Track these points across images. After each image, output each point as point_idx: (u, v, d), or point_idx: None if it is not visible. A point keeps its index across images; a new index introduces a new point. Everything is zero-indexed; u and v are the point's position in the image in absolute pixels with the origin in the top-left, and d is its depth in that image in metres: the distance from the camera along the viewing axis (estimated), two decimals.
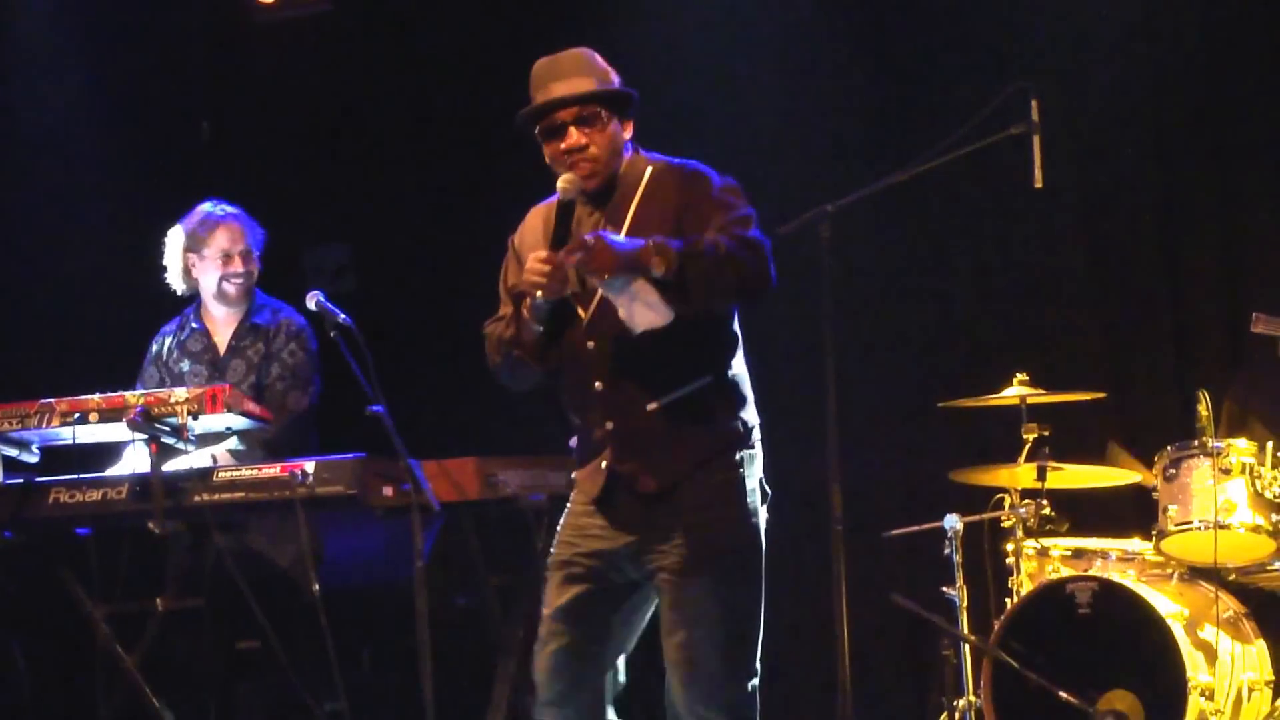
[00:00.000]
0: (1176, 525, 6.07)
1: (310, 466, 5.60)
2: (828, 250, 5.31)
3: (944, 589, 6.28)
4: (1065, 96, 6.89)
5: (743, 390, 4.54)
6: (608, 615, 4.52)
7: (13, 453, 5.90)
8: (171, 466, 5.76)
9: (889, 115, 7.40)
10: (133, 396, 5.73)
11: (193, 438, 5.69)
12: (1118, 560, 6.28)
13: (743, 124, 7.53)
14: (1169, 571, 6.22)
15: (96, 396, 5.75)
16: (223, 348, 6.34)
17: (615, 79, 4.54)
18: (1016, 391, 6.33)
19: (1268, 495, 6.01)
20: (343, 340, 5.45)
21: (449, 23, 8.08)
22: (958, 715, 6.15)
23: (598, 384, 4.45)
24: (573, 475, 4.63)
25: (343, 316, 5.52)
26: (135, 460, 5.87)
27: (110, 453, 6.09)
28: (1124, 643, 5.97)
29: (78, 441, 5.82)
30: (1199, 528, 6.02)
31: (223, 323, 6.38)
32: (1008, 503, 6.35)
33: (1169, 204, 7.10)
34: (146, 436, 5.65)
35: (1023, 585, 6.25)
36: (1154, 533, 6.16)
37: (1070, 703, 5.83)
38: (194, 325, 6.40)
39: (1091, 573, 6.17)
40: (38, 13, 8.14)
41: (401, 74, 8.16)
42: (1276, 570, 6.16)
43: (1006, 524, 6.34)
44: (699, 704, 4.41)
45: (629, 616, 4.56)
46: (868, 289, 7.27)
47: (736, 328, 4.55)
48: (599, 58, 4.55)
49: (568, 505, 4.61)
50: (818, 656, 6.03)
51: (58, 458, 5.95)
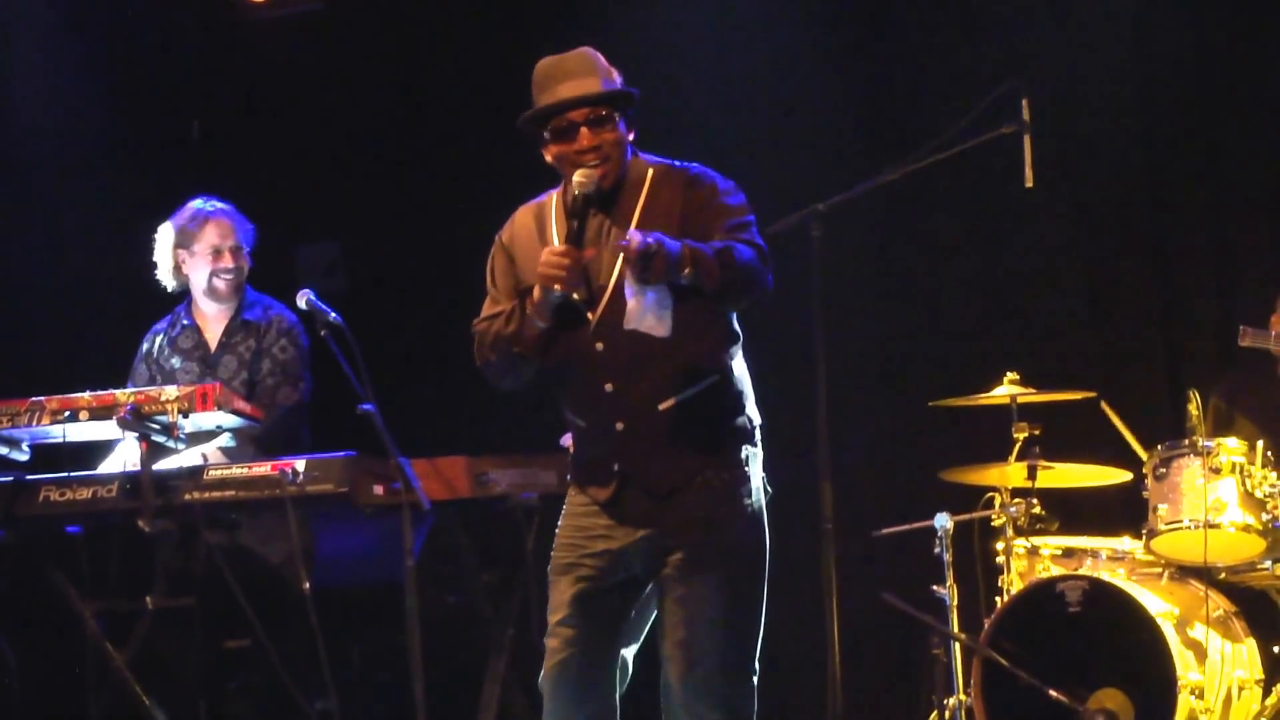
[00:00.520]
0: (1167, 524, 6.08)
1: (301, 465, 5.59)
2: (818, 249, 5.32)
3: (934, 588, 6.27)
4: (1056, 96, 6.88)
5: (746, 388, 4.53)
6: (616, 616, 4.50)
7: (3, 450, 5.88)
8: (162, 465, 5.75)
9: (880, 114, 7.40)
10: (123, 394, 5.72)
11: (183, 436, 5.68)
12: (1108, 559, 6.29)
13: (733, 123, 7.52)
14: (1159, 570, 6.23)
15: (87, 395, 5.74)
16: (213, 344, 6.33)
17: (618, 78, 4.48)
18: (1007, 390, 6.33)
19: (1258, 494, 6.02)
20: (333, 339, 5.44)
21: (439, 21, 8.08)
22: (948, 714, 6.15)
23: (608, 385, 4.41)
24: (568, 476, 4.60)
25: (333, 315, 5.51)
26: (125, 458, 5.87)
27: (101, 451, 6.08)
28: (1114, 641, 5.97)
29: (68, 439, 5.82)
30: (1189, 527, 6.03)
31: (214, 319, 6.37)
32: (998, 502, 6.35)
33: (1159, 203, 7.11)
34: (137, 435, 5.64)
35: (1013, 584, 6.25)
36: (1144, 532, 6.17)
37: (1060, 701, 5.83)
38: (185, 322, 6.39)
39: (1082, 572, 6.19)
40: (30, 11, 8.12)
41: (392, 72, 8.16)
42: (1266, 569, 6.17)
43: (997, 523, 6.35)
44: (697, 701, 4.39)
45: (636, 615, 4.55)
46: (858, 288, 7.27)
47: (737, 326, 4.53)
48: (601, 56, 4.48)
49: (565, 507, 4.56)
50: (808, 655, 6.02)
51: (48, 456, 5.94)
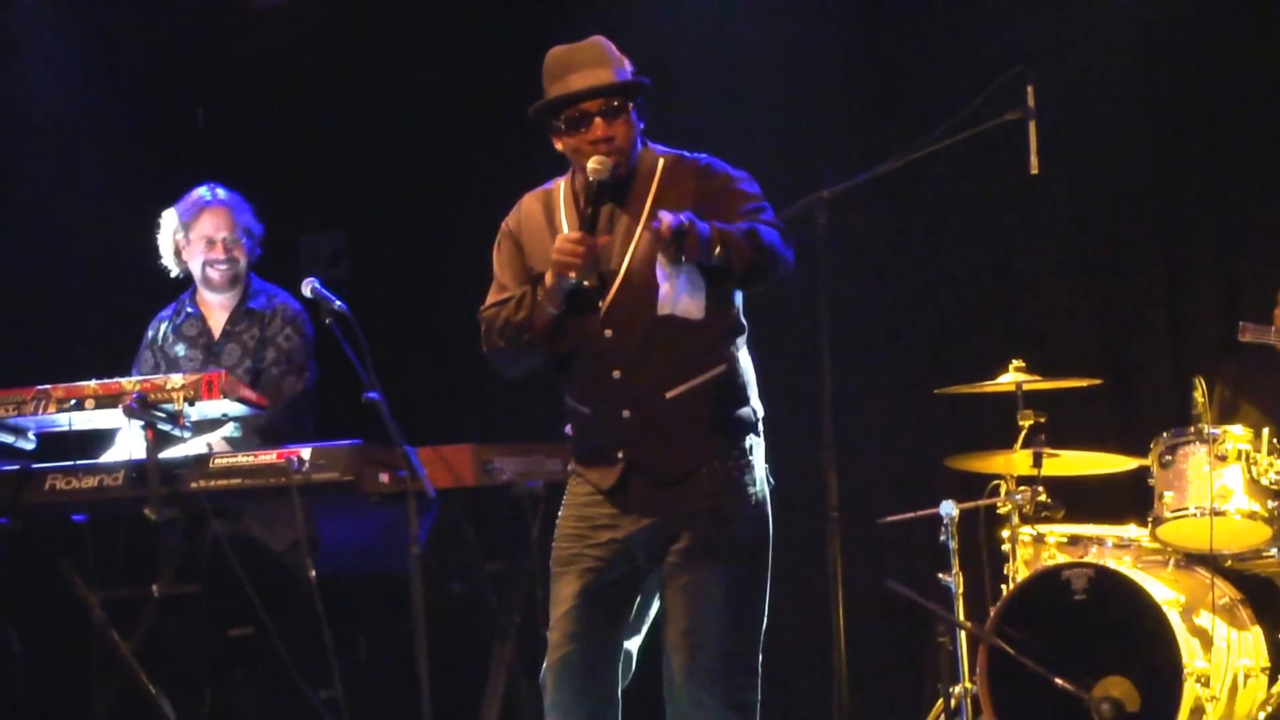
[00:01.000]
0: (1172, 512, 6.07)
1: (306, 453, 5.59)
2: (824, 236, 5.31)
3: (940, 575, 6.27)
4: (1061, 82, 6.87)
5: (751, 379, 4.53)
6: (620, 608, 4.49)
7: (9, 439, 5.87)
8: (168, 453, 5.75)
9: (885, 101, 7.39)
10: (129, 383, 5.71)
11: (189, 424, 5.67)
12: (1114, 547, 6.28)
13: (738, 110, 7.52)
14: (1165, 558, 6.23)
15: (93, 383, 5.73)
16: (217, 332, 6.33)
17: (629, 67, 4.46)
18: (1012, 378, 6.33)
19: (1264, 481, 6.02)
20: (338, 327, 5.43)
21: (444, 10, 8.07)
22: (954, 702, 6.15)
23: (616, 373, 4.40)
24: (570, 465, 4.59)
25: (338, 303, 5.50)
26: (129, 446, 5.87)
27: (107, 439, 6.08)
28: (1120, 629, 5.97)
29: (74, 428, 5.82)
30: (1195, 514, 6.03)
31: (217, 307, 6.37)
32: (1004, 489, 6.35)
33: (1165, 189, 7.10)
34: (143, 423, 5.64)
35: (1018, 572, 6.25)
36: (1150, 519, 6.17)
37: (1066, 689, 5.83)
38: (189, 310, 6.39)
39: (1087, 559, 6.18)
40: (33, 1, 8.12)
41: (397, 61, 8.15)
42: (1272, 556, 6.16)
43: (1002, 510, 6.35)
44: (700, 690, 4.38)
45: (640, 605, 4.54)
46: (864, 275, 7.26)
47: (744, 318, 4.53)
48: (613, 45, 4.47)
49: (566, 497, 4.55)
50: (813, 643, 6.02)
51: (54, 444, 5.94)
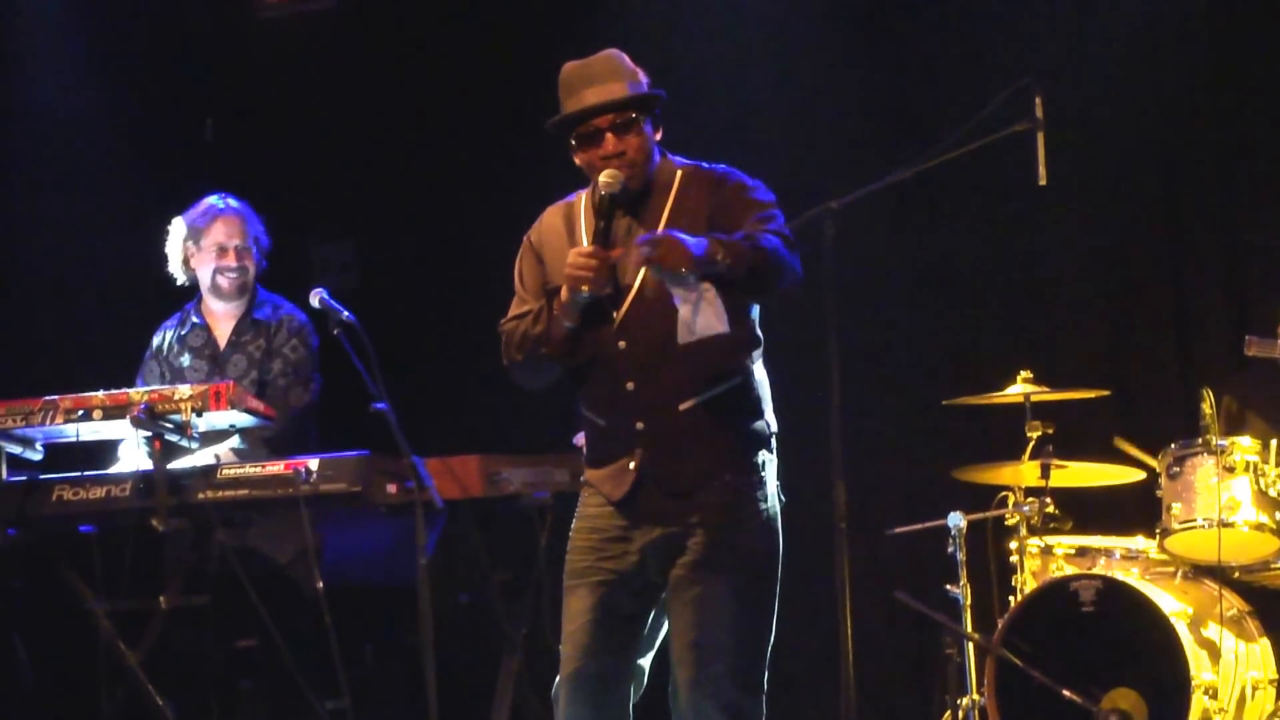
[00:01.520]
0: (1180, 523, 6.06)
1: (314, 464, 5.59)
2: (832, 248, 5.32)
3: (948, 587, 6.26)
4: (1069, 94, 6.87)
5: (765, 393, 4.52)
6: (633, 621, 4.48)
7: (17, 450, 5.89)
8: (176, 465, 5.75)
9: (893, 113, 7.38)
10: (137, 394, 5.72)
11: (196, 435, 5.68)
12: (1122, 558, 6.27)
13: (746, 122, 7.51)
14: (1173, 570, 6.21)
15: (101, 394, 5.74)
16: (223, 343, 6.34)
17: (644, 79, 4.45)
18: (1020, 389, 6.32)
19: (1271, 493, 6.01)
20: (346, 337, 5.44)
21: (454, 19, 8.07)
22: (961, 714, 6.14)
23: (630, 384, 4.39)
24: (583, 477, 4.57)
25: (346, 313, 5.51)
26: (135, 457, 5.87)
27: (115, 450, 6.08)
28: (1128, 641, 5.96)
29: (81, 439, 5.82)
30: (1203, 526, 6.02)
31: (223, 318, 6.38)
32: (1011, 501, 6.34)
33: (1174, 201, 7.09)
34: (150, 434, 5.64)
35: (1026, 583, 6.24)
36: (1158, 531, 6.16)
37: (1074, 701, 5.82)
38: (195, 320, 6.40)
39: (1095, 571, 6.17)
40: (41, 9, 8.14)
41: (406, 70, 8.15)
42: None
43: (1010, 522, 6.34)
44: (705, 702, 4.37)
45: (653, 621, 4.53)
46: (871, 286, 7.25)
47: (759, 331, 4.51)
48: (627, 58, 4.45)
49: (578, 509, 4.54)
50: (821, 654, 6.02)
51: (62, 455, 5.95)
